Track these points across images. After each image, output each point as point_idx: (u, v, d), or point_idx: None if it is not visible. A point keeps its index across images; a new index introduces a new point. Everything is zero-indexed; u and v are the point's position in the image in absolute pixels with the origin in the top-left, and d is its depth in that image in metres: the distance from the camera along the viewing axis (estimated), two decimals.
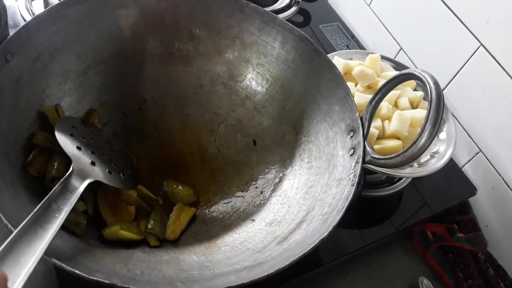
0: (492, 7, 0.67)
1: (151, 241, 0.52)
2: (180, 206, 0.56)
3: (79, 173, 0.47)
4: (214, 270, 0.46)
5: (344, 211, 0.45)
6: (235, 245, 0.51)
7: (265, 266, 0.44)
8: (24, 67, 0.51)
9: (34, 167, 0.49)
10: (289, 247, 0.46)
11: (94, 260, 0.43)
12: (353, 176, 0.49)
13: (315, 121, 0.59)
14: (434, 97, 0.44)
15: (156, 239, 0.52)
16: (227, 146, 0.64)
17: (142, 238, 0.51)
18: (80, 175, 0.46)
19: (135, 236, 0.51)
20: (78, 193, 0.45)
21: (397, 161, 0.46)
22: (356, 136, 0.52)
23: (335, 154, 0.54)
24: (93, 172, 0.49)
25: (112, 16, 0.59)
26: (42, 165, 0.50)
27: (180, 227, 0.55)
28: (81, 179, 0.46)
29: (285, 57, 0.62)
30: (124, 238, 0.50)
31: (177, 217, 0.55)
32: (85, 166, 0.48)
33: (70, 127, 0.52)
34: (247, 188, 0.60)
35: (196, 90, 0.66)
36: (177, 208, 0.56)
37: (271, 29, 0.62)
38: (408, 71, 0.48)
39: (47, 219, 0.40)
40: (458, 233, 0.76)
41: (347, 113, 0.55)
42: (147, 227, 0.52)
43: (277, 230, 0.51)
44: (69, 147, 0.49)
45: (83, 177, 0.47)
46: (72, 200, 0.43)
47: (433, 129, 0.44)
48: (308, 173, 0.57)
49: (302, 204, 0.53)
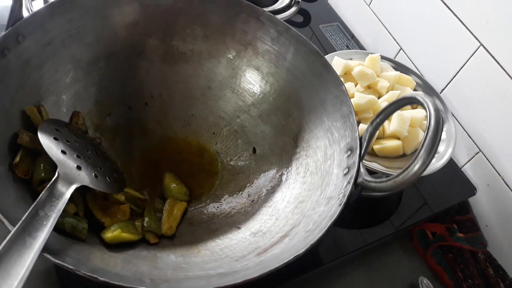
0: (492, 7, 0.67)
1: (150, 239, 0.52)
2: (171, 201, 0.56)
3: (65, 178, 0.45)
4: (187, 272, 0.45)
5: (325, 230, 0.44)
6: (215, 251, 0.50)
7: (237, 275, 0.43)
8: (35, 50, 0.52)
9: (21, 169, 0.47)
10: (266, 260, 0.45)
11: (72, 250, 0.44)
12: (342, 196, 0.47)
13: (316, 136, 0.58)
14: (433, 124, 0.42)
15: (154, 236, 0.52)
16: (227, 150, 0.64)
17: (141, 238, 0.51)
18: (66, 180, 0.45)
19: (135, 236, 0.50)
20: (66, 199, 0.43)
21: (387, 185, 0.45)
22: (353, 155, 0.51)
23: (330, 172, 0.53)
24: (79, 177, 0.47)
25: (129, 10, 0.60)
26: (29, 167, 0.48)
27: (175, 222, 0.55)
28: (68, 184, 0.45)
29: (296, 69, 0.62)
30: (126, 240, 0.49)
31: (170, 211, 0.55)
32: (71, 170, 0.47)
33: (53, 130, 0.50)
34: (239, 195, 0.60)
35: (203, 91, 0.66)
36: (168, 202, 0.56)
37: (284, 39, 0.62)
38: (410, 95, 0.47)
39: (35, 227, 0.38)
40: (458, 233, 0.75)
41: (348, 131, 0.53)
42: (143, 225, 0.52)
43: (260, 241, 0.51)
44: (53, 151, 0.47)
45: (69, 182, 0.45)
46: (60, 207, 0.42)
47: (428, 157, 0.42)
48: (301, 188, 0.56)
49: (289, 218, 0.52)
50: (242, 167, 0.62)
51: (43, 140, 0.47)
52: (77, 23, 0.56)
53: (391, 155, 0.66)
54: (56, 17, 0.53)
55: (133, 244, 0.49)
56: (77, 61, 0.58)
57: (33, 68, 0.52)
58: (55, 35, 0.54)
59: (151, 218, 0.53)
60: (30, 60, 0.51)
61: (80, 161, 0.49)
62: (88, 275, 0.37)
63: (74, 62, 0.57)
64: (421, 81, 0.77)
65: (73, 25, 0.56)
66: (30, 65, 0.52)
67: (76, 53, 0.57)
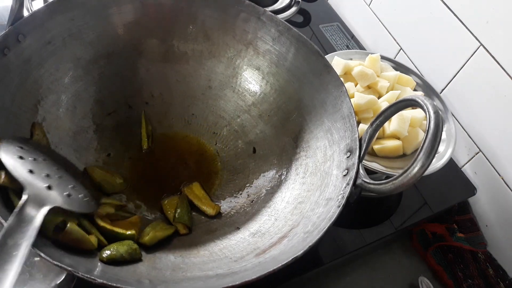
0: (492, 7, 0.67)
1: (181, 229, 0.53)
2: (188, 189, 0.58)
3: (35, 200, 0.41)
4: (186, 273, 0.46)
5: (324, 232, 0.44)
6: (214, 251, 0.51)
7: (235, 276, 0.43)
8: (35, 49, 0.52)
9: None
10: (264, 261, 0.45)
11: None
12: (341, 197, 0.47)
13: (316, 137, 0.58)
14: (432, 127, 0.42)
15: (185, 227, 0.54)
16: (227, 150, 0.64)
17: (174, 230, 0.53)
18: (36, 203, 0.41)
19: (168, 231, 0.52)
20: (37, 223, 0.39)
21: (386, 188, 0.45)
22: (353, 157, 0.51)
23: (330, 173, 0.53)
24: (50, 197, 0.43)
25: (130, 9, 0.60)
26: None
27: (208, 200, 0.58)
28: (38, 207, 0.41)
29: (296, 69, 0.62)
30: (162, 237, 0.51)
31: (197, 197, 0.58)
32: (41, 191, 0.42)
33: (17, 149, 0.46)
34: (239, 195, 0.60)
35: (204, 91, 0.66)
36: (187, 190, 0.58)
37: (285, 39, 0.62)
38: (411, 97, 0.47)
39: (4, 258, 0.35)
40: (458, 233, 0.76)
41: (348, 132, 0.53)
42: (175, 217, 0.54)
43: (259, 242, 0.51)
44: (20, 172, 0.42)
45: (39, 205, 0.41)
46: (31, 233, 0.38)
47: (427, 160, 0.42)
48: (301, 189, 0.56)
49: (288, 219, 0.52)
50: (242, 167, 0.62)
51: (7, 160, 0.43)
52: (78, 22, 0.56)
53: (391, 155, 0.66)
54: (56, 16, 0.53)
55: None
56: (77, 60, 0.58)
57: (34, 67, 0.52)
58: (55, 34, 0.54)
59: (183, 210, 0.55)
60: (30, 59, 0.52)
61: (50, 180, 0.45)
62: (86, 276, 0.37)
63: (74, 61, 0.57)
64: (421, 81, 0.76)
65: (73, 24, 0.56)
66: (31, 64, 0.52)
67: (76, 52, 0.57)
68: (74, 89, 0.57)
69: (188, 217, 0.55)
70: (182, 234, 0.53)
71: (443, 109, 0.72)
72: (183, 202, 0.56)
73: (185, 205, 0.56)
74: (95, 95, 0.60)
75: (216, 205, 0.57)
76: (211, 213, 0.56)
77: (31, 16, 0.50)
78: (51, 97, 0.55)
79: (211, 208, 0.57)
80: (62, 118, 0.56)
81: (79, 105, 0.58)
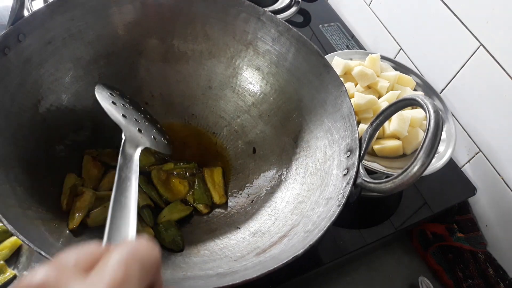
0: (492, 7, 0.67)
1: (202, 209, 0.56)
2: (208, 170, 0.60)
3: (131, 141, 0.45)
4: (186, 272, 0.46)
5: (324, 231, 0.44)
6: (214, 250, 0.51)
7: (236, 275, 0.43)
8: (35, 49, 0.52)
9: None
10: (265, 260, 0.45)
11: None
12: (342, 197, 0.47)
13: (316, 137, 0.58)
14: (432, 126, 0.42)
15: (206, 206, 0.56)
16: (227, 150, 0.64)
17: (191, 210, 0.56)
18: (132, 143, 0.45)
19: (185, 212, 0.55)
20: (136, 161, 0.42)
21: (386, 187, 0.45)
22: (353, 156, 0.51)
23: (330, 172, 0.53)
24: (142, 139, 0.48)
25: (130, 9, 0.60)
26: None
27: (221, 189, 0.59)
28: (134, 147, 0.45)
29: (296, 69, 0.62)
30: (179, 218, 0.54)
31: (212, 182, 0.59)
32: (134, 133, 0.48)
33: (109, 94, 0.51)
34: (239, 195, 0.60)
35: (204, 91, 0.66)
36: (207, 172, 0.60)
37: (285, 39, 0.62)
38: (411, 97, 0.47)
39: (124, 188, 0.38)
40: (458, 233, 0.76)
41: (348, 132, 0.53)
42: (194, 199, 0.56)
43: (259, 241, 0.51)
44: (116, 115, 0.48)
45: (135, 145, 0.45)
46: (135, 168, 0.41)
47: (427, 159, 0.42)
48: (301, 188, 0.56)
49: (288, 218, 0.52)
50: (242, 167, 0.62)
51: (104, 105, 0.48)
52: (78, 22, 0.56)
53: (391, 155, 0.66)
54: (56, 16, 0.53)
55: None
56: (77, 60, 0.58)
57: (34, 66, 0.52)
58: (55, 34, 0.54)
59: (200, 190, 0.57)
60: (30, 58, 0.52)
61: (139, 125, 0.51)
62: None
63: (74, 61, 0.57)
64: (421, 81, 0.77)
65: (73, 24, 0.56)
66: (31, 64, 0.52)
67: (76, 52, 0.57)
68: (74, 89, 0.58)
69: (207, 196, 0.57)
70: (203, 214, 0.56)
71: (443, 109, 0.72)
72: (199, 182, 0.58)
73: (201, 185, 0.57)
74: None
75: (224, 197, 0.58)
76: (216, 201, 0.58)
77: (31, 16, 0.50)
78: (51, 97, 0.55)
79: (219, 196, 0.58)
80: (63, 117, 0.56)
81: (79, 105, 0.58)
